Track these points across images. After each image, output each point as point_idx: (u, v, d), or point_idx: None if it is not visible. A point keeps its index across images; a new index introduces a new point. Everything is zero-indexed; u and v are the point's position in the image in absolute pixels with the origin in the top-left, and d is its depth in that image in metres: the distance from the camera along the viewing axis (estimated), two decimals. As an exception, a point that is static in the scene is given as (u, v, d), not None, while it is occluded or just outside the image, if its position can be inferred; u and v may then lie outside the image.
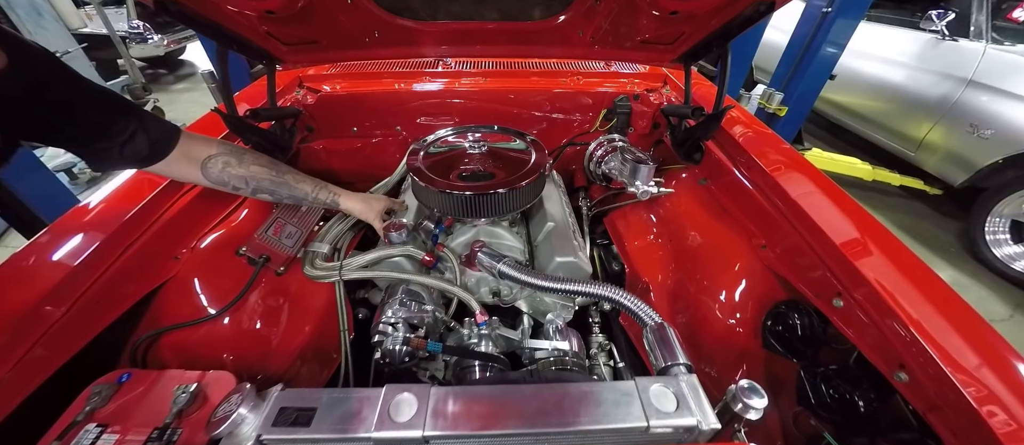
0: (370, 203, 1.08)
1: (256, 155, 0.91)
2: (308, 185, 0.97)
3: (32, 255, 0.76)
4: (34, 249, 0.77)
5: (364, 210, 1.06)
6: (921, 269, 0.76)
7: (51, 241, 0.79)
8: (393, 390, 0.59)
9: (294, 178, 0.94)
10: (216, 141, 0.87)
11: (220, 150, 0.85)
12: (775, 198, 0.98)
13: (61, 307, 0.72)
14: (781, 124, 2.92)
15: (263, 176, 0.88)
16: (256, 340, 0.97)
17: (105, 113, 0.68)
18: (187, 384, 0.69)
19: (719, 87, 1.13)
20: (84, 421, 0.66)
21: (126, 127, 0.70)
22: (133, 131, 0.71)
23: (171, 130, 0.78)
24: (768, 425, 0.87)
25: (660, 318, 0.77)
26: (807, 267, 0.87)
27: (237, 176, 0.85)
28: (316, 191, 0.98)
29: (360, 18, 1.01)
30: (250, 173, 0.86)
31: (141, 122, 0.72)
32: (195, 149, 0.82)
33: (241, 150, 0.89)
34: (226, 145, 0.87)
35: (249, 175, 0.87)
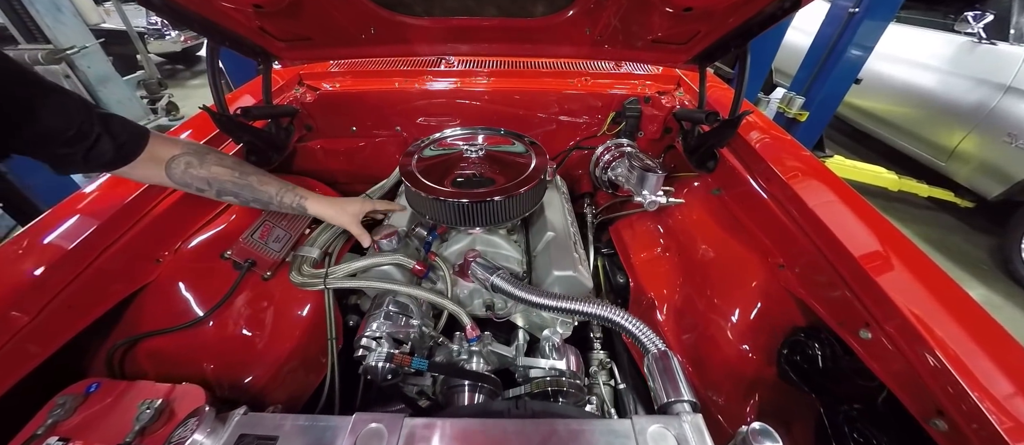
0: (342, 208, 0.98)
1: (220, 156, 0.86)
2: (272, 187, 0.90)
3: (6, 257, 0.73)
4: (6, 251, 0.74)
5: (334, 215, 0.96)
6: (962, 299, 0.68)
7: (25, 242, 0.76)
8: (362, 420, 0.54)
9: (258, 180, 0.88)
10: (181, 141, 0.83)
11: (183, 150, 0.81)
12: (795, 212, 0.90)
13: (29, 313, 0.69)
14: (801, 130, 2.80)
15: (225, 177, 0.84)
16: (240, 348, 0.93)
17: (67, 118, 0.64)
18: (153, 399, 0.65)
19: (736, 91, 1.05)
20: (45, 434, 0.62)
21: (90, 132, 0.66)
22: (97, 136, 0.67)
23: (138, 134, 0.74)
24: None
25: (664, 345, 0.70)
26: (830, 292, 0.79)
27: (199, 177, 0.81)
28: (281, 193, 0.91)
29: (354, 14, 0.97)
30: (211, 174, 0.82)
31: (106, 126, 0.69)
32: (160, 150, 0.78)
33: (204, 150, 0.85)
34: (190, 145, 0.83)
35: (211, 176, 0.82)
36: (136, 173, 0.77)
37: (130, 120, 0.75)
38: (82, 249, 0.78)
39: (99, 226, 0.81)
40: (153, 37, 4.69)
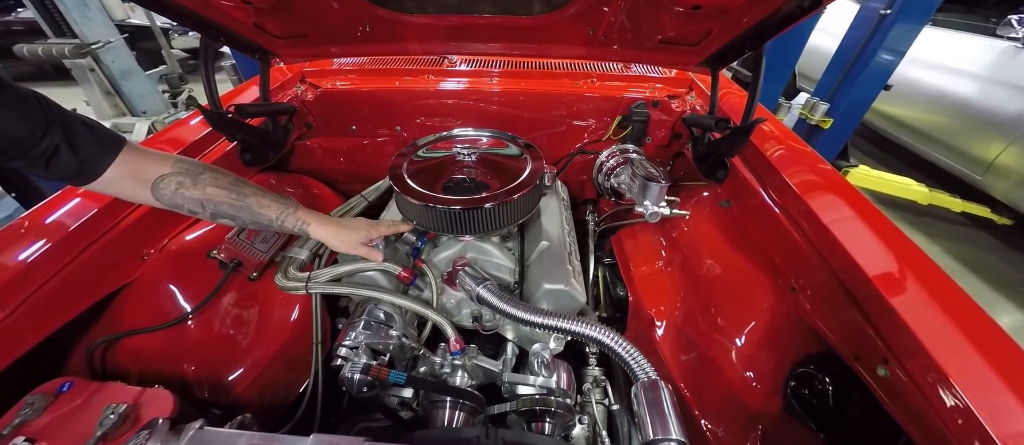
0: (346, 235, 0.88)
1: (216, 174, 0.78)
2: (273, 211, 0.82)
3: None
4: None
5: (336, 242, 0.88)
6: (996, 335, 0.60)
7: (11, 234, 0.76)
8: (321, 442, 0.51)
9: (258, 202, 0.81)
10: (172, 157, 0.75)
11: (174, 169, 0.74)
12: (809, 230, 0.83)
13: (8, 306, 0.68)
14: (824, 138, 2.65)
15: (221, 199, 0.76)
16: (222, 349, 0.91)
17: (24, 125, 0.58)
18: (119, 404, 0.63)
19: (750, 96, 0.98)
20: (11, 434, 0.61)
21: (48, 143, 0.60)
22: (56, 147, 0.61)
23: (108, 144, 0.67)
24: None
25: (655, 374, 0.65)
26: (846, 321, 0.72)
27: (191, 199, 0.74)
28: (282, 217, 0.83)
29: (346, 10, 0.94)
30: (206, 196, 0.75)
31: (67, 136, 0.62)
32: (145, 168, 0.71)
33: (198, 169, 0.77)
34: (182, 162, 0.76)
35: (205, 198, 0.75)
36: (113, 190, 0.70)
37: (105, 131, 0.68)
38: (66, 244, 0.77)
39: (85, 221, 0.81)
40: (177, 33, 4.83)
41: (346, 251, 0.89)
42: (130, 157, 0.69)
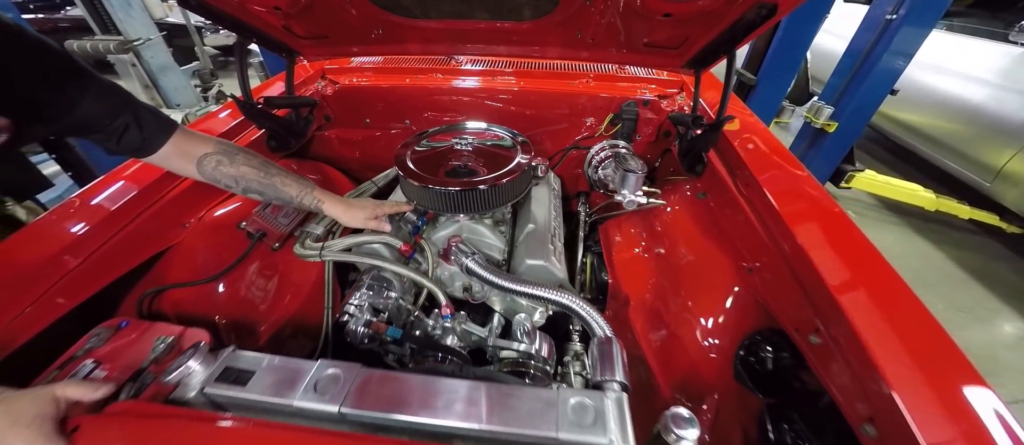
0: (354, 212, 1.04)
1: (249, 156, 0.93)
2: (294, 189, 0.97)
3: (63, 213, 0.89)
4: (65, 208, 0.89)
5: (346, 218, 1.04)
6: (919, 315, 0.68)
7: (80, 203, 0.91)
8: (325, 364, 0.63)
9: (282, 181, 0.95)
10: (214, 140, 0.90)
11: (215, 149, 0.88)
12: (767, 218, 0.91)
13: (77, 257, 0.83)
14: (830, 141, 2.68)
15: (252, 177, 0.91)
16: (246, 306, 1.06)
17: (104, 106, 0.74)
18: (167, 336, 0.77)
19: (723, 95, 1.07)
20: (83, 356, 0.75)
21: (121, 122, 0.76)
22: (126, 125, 0.76)
23: (164, 126, 0.82)
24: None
25: (610, 333, 0.75)
26: (790, 297, 0.80)
27: (228, 175, 0.89)
28: (301, 195, 0.98)
29: (362, 15, 1.07)
30: (239, 173, 0.89)
31: (136, 117, 0.78)
32: (192, 146, 0.86)
33: (235, 150, 0.91)
34: (222, 144, 0.90)
35: (239, 175, 0.90)
36: (167, 164, 0.86)
37: (161, 115, 0.84)
38: (123, 211, 0.92)
39: (137, 194, 0.96)
40: (209, 31, 5.12)
41: (354, 226, 1.03)
42: (181, 137, 0.84)
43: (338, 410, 0.57)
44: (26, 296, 0.75)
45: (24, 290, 0.75)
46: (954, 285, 2.33)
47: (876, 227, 2.82)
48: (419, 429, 0.57)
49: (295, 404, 0.58)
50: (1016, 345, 2.00)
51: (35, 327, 0.76)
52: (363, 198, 1.09)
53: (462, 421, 0.56)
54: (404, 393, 0.59)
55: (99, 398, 0.60)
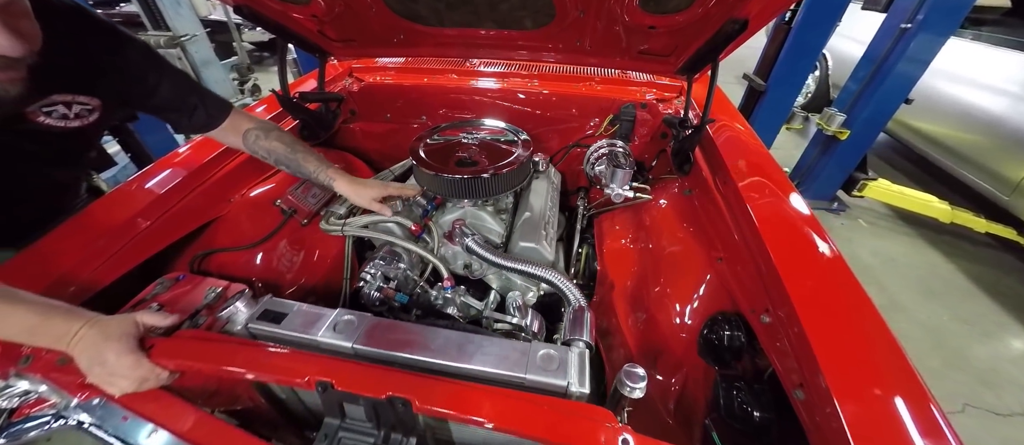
0: (361, 191, 1.15)
1: (281, 133, 1.09)
2: (312, 165, 1.11)
3: (134, 185, 1.07)
4: (136, 182, 1.08)
5: (355, 196, 1.15)
6: (857, 301, 0.76)
7: (145, 179, 1.09)
8: (343, 312, 0.78)
9: (303, 158, 1.09)
10: (256, 118, 1.10)
11: (256, 125, 1.07)
12: (737, 211, 1.01)
13: (147, 220, 1.01)
14: (841, 149, 2.68)
15: (280, 150, 1.08)
16: (277, 273, 1.22)
17: (177, 91, 0.94)
18: (216, 287, 0.94)
19: (707, 99, 1.16)
20: (150, 300, 0.93)
21: (193, 103, 0.95)
22: (195, 106, 0.96)
23: (223, 106, 1.03)
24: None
25: (584, 303, 0.87)
26: (749, 282, 0.90)
27: (263, 147, 1.07)
28: (317, 171, 1.11)
29: (384, 23, 1.22)
30: (271, 146, 1.07)
31: (202, 99, 0.97)
32: (240, 123, 1.05)
33: (270, 127, 1.09)
34: (261, 122, 1.09)
35: (271, 148, 1.07)
36: (222, 137, 1.06)
37: (219, 96, 1.04)
38: (181, 186, 1.10)
39: (191, 172, 1.13)
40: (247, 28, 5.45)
41: (361, 204, 1.17)
42: (234, 115, 1.04)
43: (351, 346, 0.72)
44: (109, 248, 0.93)
45: (109, 244, 0.93)
46: (961, 296, 2.31)
47: (886, 237, 2.79)
48: (414, 365, 0.70)
49: (318, 339, 0.72)
50: (1021, 360, 1.98)
51: (115, 273, 0.93)
52: (372, 179, 1.23)
53: (448, 360, 0.69)
54: (404, 337, 0.73)
55: (169, 326, 0.77)
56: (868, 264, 2.54)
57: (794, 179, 3.07)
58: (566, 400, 0.66)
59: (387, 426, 0.66)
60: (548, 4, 1.00)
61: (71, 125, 0.82)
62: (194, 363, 0.69)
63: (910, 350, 0.70)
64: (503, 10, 1.05)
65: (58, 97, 0.79)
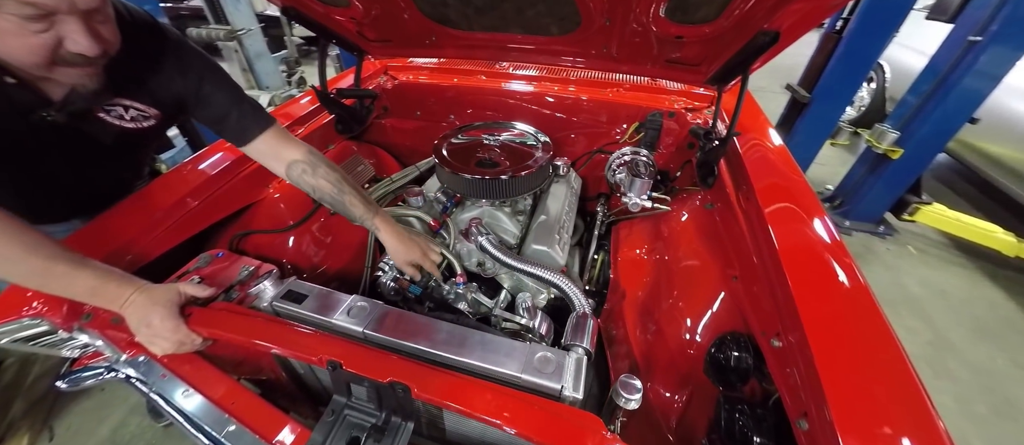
0: (400, 248, 1.05)
1: (328, 171, 1.01)
2: (359, 210, 1.03)
3: (186, 169, 1.18)
4: (188, 165, 1.19)
5: (393, 251, 1.07)
6: (879, 335, 0.72)
7: (197, 162, 1.20)
8: (358, 299, 0.83)
9: (351, 201, 1.02)
10: (304, 149, 1.01)
11: (303, 158, 0.99)
12: (757, 230, 0.97)
13: (196, 200, 1.12)
14: (893, 169, 2.49)
15: (326, 190, 1.01)
16: (306, 257, 1.31)
17: (227, 102, 0.95)
18: (250, 266, 1.02)
19: (734, 112, 1.13)
20: (193, 272, 1.03)
21: (233, 116, 0.96)
22: (235, 119, 0.96)
23: (260, 122, 0.98)
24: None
25: (589, 310, 0.87)
26: (763, 303, 0.87)
27: (308, 184, 1.00)
28: (364, 217, 1.04)
29: (417, 25, 1.27)
30: (318, 184, 1.00)
31: (240, 111, 0.96)
32: (285, 151, 0.99)
33: (318, 162, 1.00)
34: (310, 155, 1.00)
35: (317, 186, 1.00)
36: (261, 159, 1.03)
37: (262, 112, 0.99)
38: (227, 171, 1.20)
39: (235, 159, 1.24)
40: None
41: (396, 261, 1.09)
42: (276, 139, 0.99)
43: (362, 331, 0.77)
44: (161, 224, 1.04)
45: (160, 220, 1.04)
46: (1022, 340, 2.09)
47: (938, 267, 2.57)
48: (418, 354, 0.74)
49: (333, 321, 0.78)
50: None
51: (165, 246, 1.04)
52: (416, 238, 1.10)
53: (450, 353, 0.72)
54: (411, 327, 0.77)
55: (206, 297, 0.85)
56: (915, 295, 2.35)
57: (837, 198, 2.89)
58: (558, 403, 0.67)
59: (388, 408, 0.70)
60: (574, 12, 1.01)
61: (126, 126, 0.91)
62: (224, 333, 0.77)
63: (956, 392, 0.65)
64: (529, 16, 1.07)
65: (121, 101, 0.88)
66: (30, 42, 0.63)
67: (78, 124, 0.86)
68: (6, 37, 0.62)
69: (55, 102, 0.80)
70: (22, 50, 0.64)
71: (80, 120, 0.85)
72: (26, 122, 0.80)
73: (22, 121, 0.80)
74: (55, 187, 0.98)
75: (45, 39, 0.64)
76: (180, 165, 1.19)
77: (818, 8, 0.80)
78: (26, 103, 0.78)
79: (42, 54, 0.65)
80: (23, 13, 0.60)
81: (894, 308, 2.19)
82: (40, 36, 0.63)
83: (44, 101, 0.80)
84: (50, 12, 0.62)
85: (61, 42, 0.66)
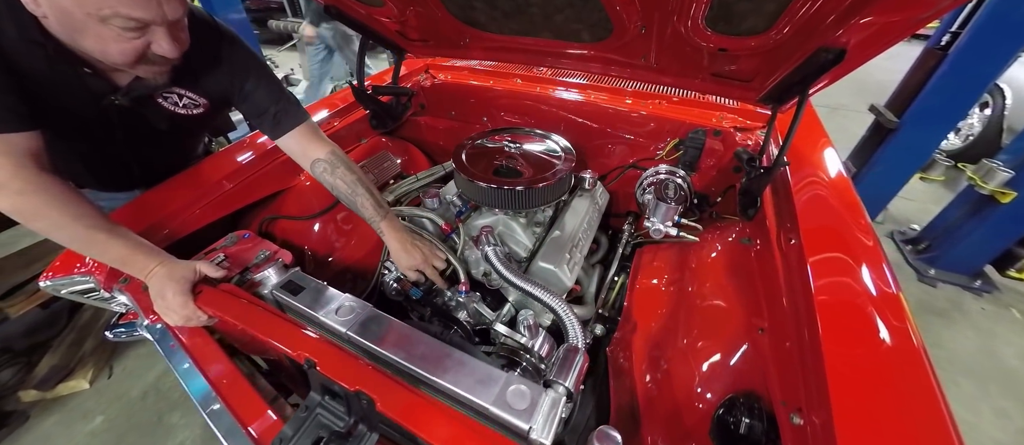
0: (402, 254, 1.07)
1: (346, 171, 1.06)
2: (368, 212, 1.08)
3: (227, 154, 1.27)
4: (229, 151, 1.29)
5: (396, 256, 1.10)
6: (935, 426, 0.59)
7: (235, 150, 1.30)
8: (349, 298, 0.84)
9: (362, 202, 1.07)
10: (329, 148, 1.07)
11: (326, 157, 1.05)
12: (796, 280, 0.84)
13: (231, 183, 1.20)
14: (1000, 214, 2.09)
15: (342, 190, 1.07)
16: (327, 245, 1.37)
17: (268, 98, 1.03)
18: (267, 251, 1.08)
19: (785, 138, 0.98)
20: (220, 250, 1.10)
21: (272, 112, 1.03)
22: (273, 114, 1.04)
23: (293, 120, 1.05)
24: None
25: (580, 344, 0.81)
26: (788, 368, 0.75)
27: (328, 183, 1.08)
28: (372, 219, 1.08)
29: (451, 28, 1.26)
30: (335, 184, 1.07)
31: (278, 108, 1.03)
32: (311, 149, 1.06)
33: (338, 163, 1.06)
34: (333, 155, 1.07)
35: (334, 184, 1.07)
36: (290, 153, 1.09)
37: (296, 110, 1.06)
38: (261, 158, 1.28)
39: (270, 148, 1.32)
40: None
41: (399, 266, 1.11)
42: (305, 137, 1.05)
43: (345, 331, 0.77)
44: (198, 202, 1.13)
45: (198, 198, 1.13)
46: None
47: (1053, 340, 2.10)
48: (394, 365, 0.73)
49: (320, 316, 0.79)
50: None
51: (199, 223, 1.13)
52: (419, 244, 1.12)
53: (423, 369, 0.69)
54: (391, 335, 0.76)
55: (217, 277, 0.90)
56: (1011, 369, 1.94)
57: (923, 241, 2.47)
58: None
59: (356, 416, 0.69)
60: (604, 18, 0.94)
61: (179, 112, 1.00)
62: (223, 314, 0.81)
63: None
64: (558, 21, 1.01)
65: (177, 89, 0.97)
66: (125, 47, 0.73)
67: (139, 108, 0.96)
68: (107, 42, 0.72)
69: (121, 88, 0.90)
70: (118, 53, 0.74)
71: (141, 105, 0.95)
72: (98, 107, 0.91)
73: (95, 106, 0.90)
74: (118, 162, 1.10)
75: (137, 44, 0.74)
76: (222, 150, 1.29)
77: (894, 26, 0.66)
78: (99, 90, 0.88)
79: (133, 56, 0.75)
80: (126, 25, 0.70)
81: (981, 383, 1.83)
82: (134, 42, 0.74)
83: (113, 88, 0.89)
84: (147, 24, 0.72)
85: (149, 46, 0.76)
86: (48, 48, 0.75)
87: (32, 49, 0.75)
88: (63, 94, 0.85)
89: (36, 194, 0.75)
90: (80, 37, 0.72)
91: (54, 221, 0.77)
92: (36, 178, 0.76)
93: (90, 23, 0.68)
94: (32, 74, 0.77)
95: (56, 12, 0.68)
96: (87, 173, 1.12)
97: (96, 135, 0.99)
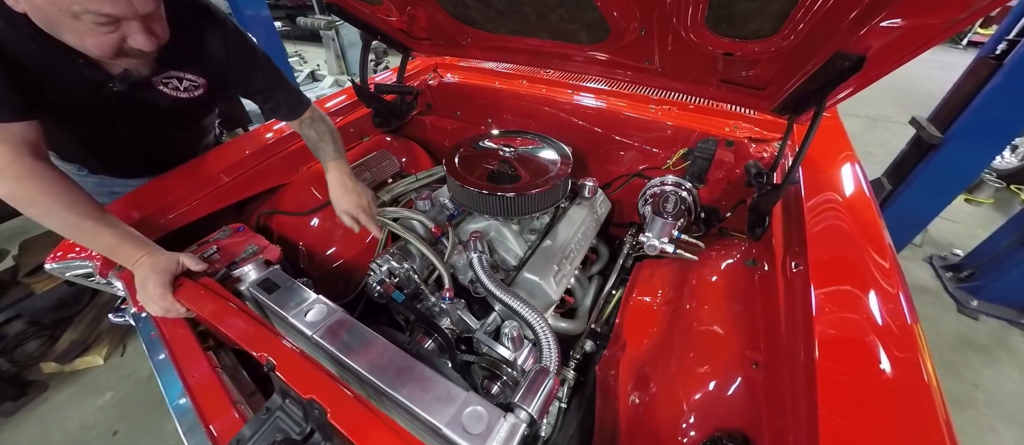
0: (340, 192, 1.14)
1: (320, 124, 1.17)
2: (328, 154, 1.17)
3: (229, 147, 1.30)
4: (231, 144, 1.31)
5: (334, 197, 1.16)
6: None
7: (237, 143, 1.32)
8: (319, 300, 0.82)
9: (326, 147, 1.17)
10: (311, 108, 1.18)
11: (310, 114, 1.17)
12: (799, 315, 0.76)
13: (230, 177, 1.22)
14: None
15: (311, 137, 1.18)
16: (322, 242, 1.37)
17: (266, 83, 1.09)
18: (256, 245, 1.08)
19: (797, 153, 0.90)
20: (213, 242, 1.12)
21: (277, 97, 1.10)
22: (280, 99, 1.11)
23: (303, 104, 1.15)
24: None
25: (553, 367, 0.76)
26: (781, 408, 0.67)
27: (304, 133, 1.19)
28: (326, 160, 1.17)
29: (450, 27, 1.24)
30: (306, 133, 1.18)
31: (284, 95, 1.11)
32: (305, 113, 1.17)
33: (316, 118, 1.17)
34: (310, 113, 1.17)
35: (306, 134, 1.18)
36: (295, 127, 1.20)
37: (301, 95, 1.16)
38: (261, 152, 1.30)
39: (272, 142, 1.33)
40: (391, 16, 6.25)
41: (335, 209, 1.17)
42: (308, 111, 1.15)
43: (311, 334, 0.75)
44: (196, 194, 1.15)
45: (196, 190, 1.15)
46: None
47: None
48: (354, 372, 0.70)
49: (289, 317, 0.78)
50: None
51: (196, 214, 1.15)
52: (358, 190, 1.17)
53: (382, 380, 0.67)
54: (357, 342, 0.73)
55: (198, 271, 0.91)
56: (1068, 419, 1.73)
57: (966, 269, 2.25)
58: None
59: (312, 423, 0.67)
60: (599, 19, 0.88)
61: (181, 96, 1.03)
62: (196, 309, 0.81)
63: None
64: (553, 21, 0.96)
65: (172, 72, 0.99)
66: (101, 41, 0.76)
67: (138, 94, 0.98)
68: (83, 36, 0.75)
69: (116, 76, 0.92)
70: (95, 46, 0.77)
71: (140, 90, 0.98)
72: (98, 94, 0.93)
73: (95, 93, 0.93)
74: (122, 148, 1.14)
75: (112, 38, 0.77)
76: (224, 144, 1.32)
77: (919, 30, 0.57)
78: (96, 78, 0.91)
79: (110, 49, 0.78)
80: (98, 21, 0.72)
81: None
82: (109, 36, 0.76)
83: (109, 76, 0.92)
84: (118, 19, 0.74)
85: (124, 40, 0.78)
86: (40, 41, 0.77)
87: (27, 43, 0.77)
88: (64, 84, 0.88)
89: (31, 181, 0.78)
90: (59, 31, 0.74)
91: (47, 208, 0.80)
92: (32, 166, 0.78)
93: (64, 19, 0.70)
94: (31, 66, 0.80)
95: (32, 9, 0.71)
96: (95, 159, 1.16)
97: (98, 122, 1.02)
